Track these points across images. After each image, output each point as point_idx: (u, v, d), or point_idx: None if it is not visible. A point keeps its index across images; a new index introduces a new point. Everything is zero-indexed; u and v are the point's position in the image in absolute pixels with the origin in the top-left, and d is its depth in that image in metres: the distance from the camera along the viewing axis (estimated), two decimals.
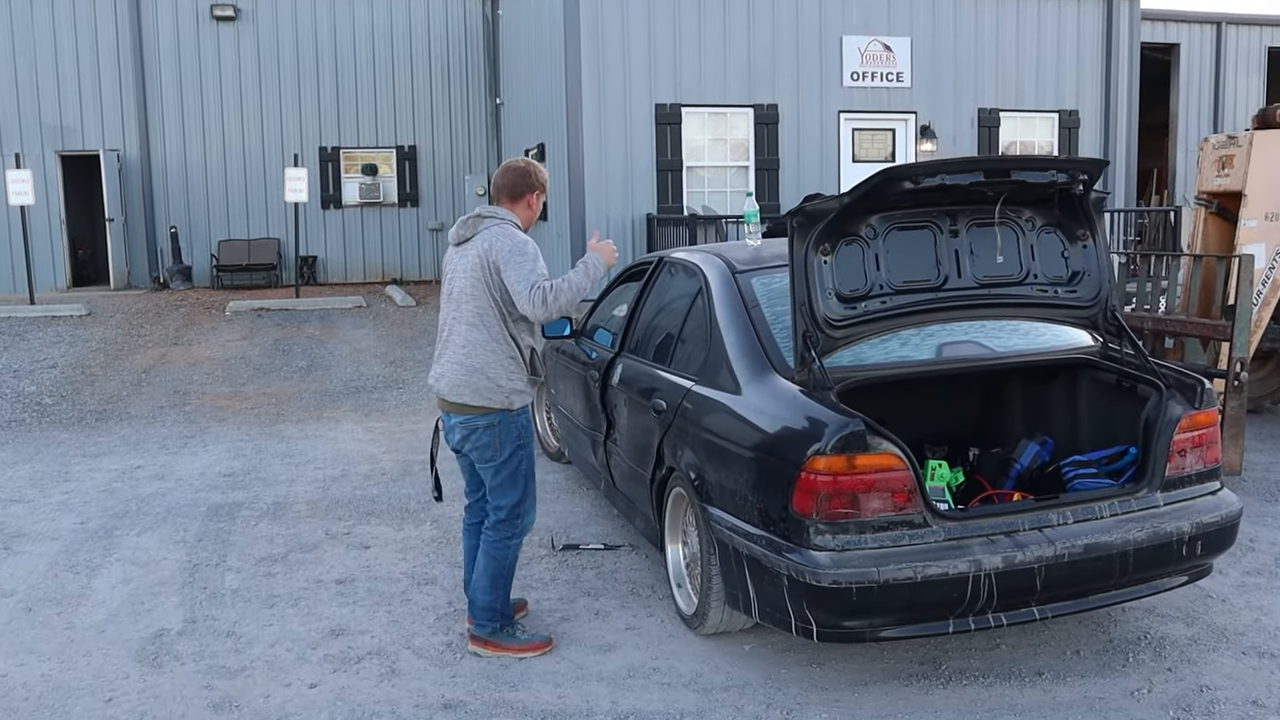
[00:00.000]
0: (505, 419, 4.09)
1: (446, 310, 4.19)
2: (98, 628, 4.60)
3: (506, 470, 4.13)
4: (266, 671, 4.15)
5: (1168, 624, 4.33)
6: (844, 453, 3.42)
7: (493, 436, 4.09)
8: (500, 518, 4.18)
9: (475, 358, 4.04)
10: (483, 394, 4.05)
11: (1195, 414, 3.83)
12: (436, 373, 4.20)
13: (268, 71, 18.45)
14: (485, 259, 4.00)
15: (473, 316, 4.05)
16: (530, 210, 4.24)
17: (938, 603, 3.46)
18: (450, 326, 4.14)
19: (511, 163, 4.27)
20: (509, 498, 4.16)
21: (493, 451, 4.11)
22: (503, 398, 4.07)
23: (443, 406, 4.20)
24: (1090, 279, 4.23)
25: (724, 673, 4.02)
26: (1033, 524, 3.57)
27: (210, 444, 8.15)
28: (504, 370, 4.07)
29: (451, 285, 4.16)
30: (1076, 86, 15.18)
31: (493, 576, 4.18)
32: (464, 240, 4.15)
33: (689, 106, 13.52)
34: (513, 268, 3.95)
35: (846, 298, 3.89)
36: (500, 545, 4.18)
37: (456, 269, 4.13)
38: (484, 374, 4.04)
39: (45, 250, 17.58)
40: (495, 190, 4.22)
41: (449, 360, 4.12)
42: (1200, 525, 3.73)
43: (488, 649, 4.19)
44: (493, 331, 4.04)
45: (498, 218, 4.12)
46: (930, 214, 4.00)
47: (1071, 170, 3.93)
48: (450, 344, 4.12)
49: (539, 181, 4.24)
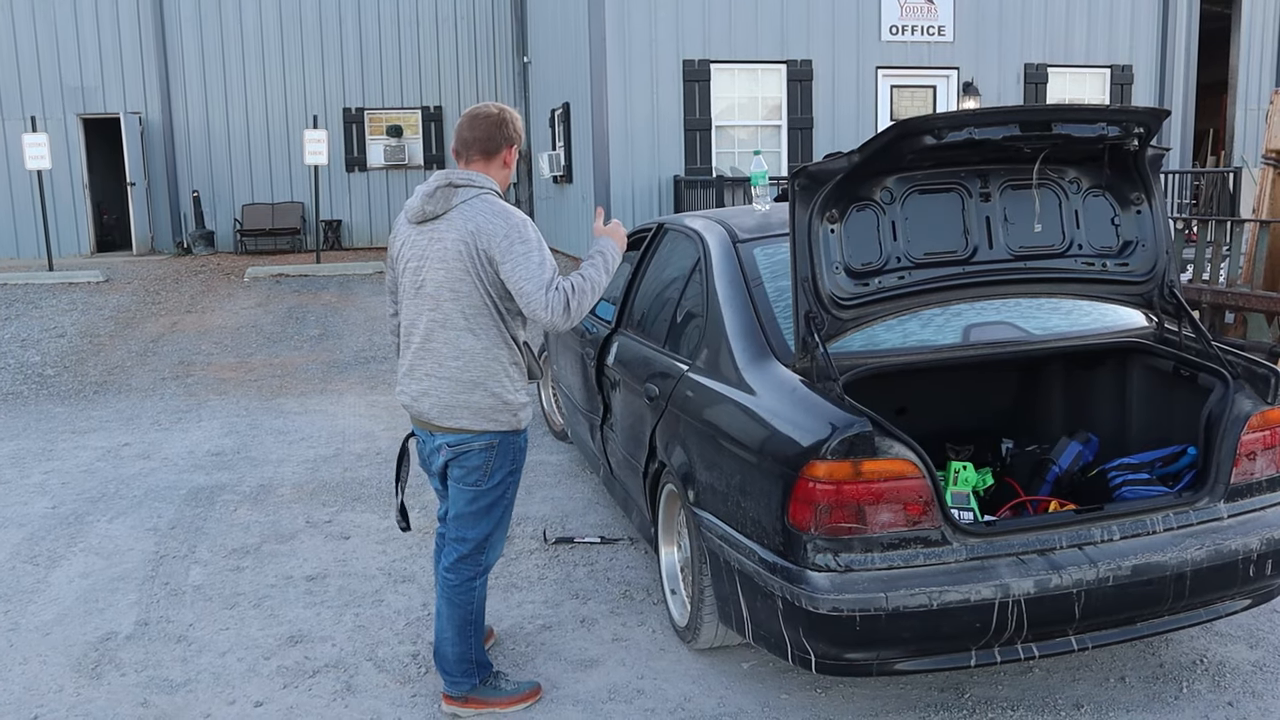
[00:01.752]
0: (506, 440, 3.34)
1: (415, 309, 3.31)
2: (43, 630, 4.24)
3: (487, 499, 3.38)
4: (211, 686, 3.75)
5: (1228, 645, 3.79)
6: (848, 457, 2.91)
7: (486, 459, 3.32)
8: (463, 552, 3.42)
9: (473, 370, 3.24)
10: (486, 414, 3.27)
11: (1268, 410, 3.26)
12: (413, 390, 3.35)
13: (290, 30, 18.03)
14: (472, 246, 3.16)
15: (461, 319, 3.22)
16: (507, 169, 3.38)
17: (957, 633, 2.95)
18: (427, 331, 3.27)
19: (481, 109, 3.35)
20: (479, 529, 3.41)
21: (480, 475, 3.34)
22: (510, 416, 3.31)
23: (426, 427, 3.40)
24: (1145, 250, 3.66)
25: (716, 696, 3.55)
26: (1072, 540, 3.04)
27: (205, 419, 7.79)
28: (509, 382, 3.30)
29: (421, 276, 3.27)
30: (1130, 39, 14.34)
31: (460, 625, 3.45)
32: (432, 217, 3.25)
33: (718, 63, 12.91)
34: (515, 262, 3.13)
35: (857, 273, 3.35)
36: (464, 590, 3.44)
37: (427, 256, 3.25)
38: (486, 389, 3.25)
39: (69, 215, 17.39)
40: (462, 146, 3.31)
41: (433, 374, 3.28)
42: (1271, 542, 3.17)
43: (469, 707, 3.47)
44: (490, 336, 3.25)
45: (475, 185, 3.24)
46: (957, 175, 3.43)
47: (1125, 122, 3.34)
48: (431, 353, 3.27)
49: (516, 132, 3.36)
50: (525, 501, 5.63)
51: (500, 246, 3.15)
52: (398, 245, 3.39)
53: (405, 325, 3.38)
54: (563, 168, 14.94)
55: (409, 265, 3.32)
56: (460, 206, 3.22)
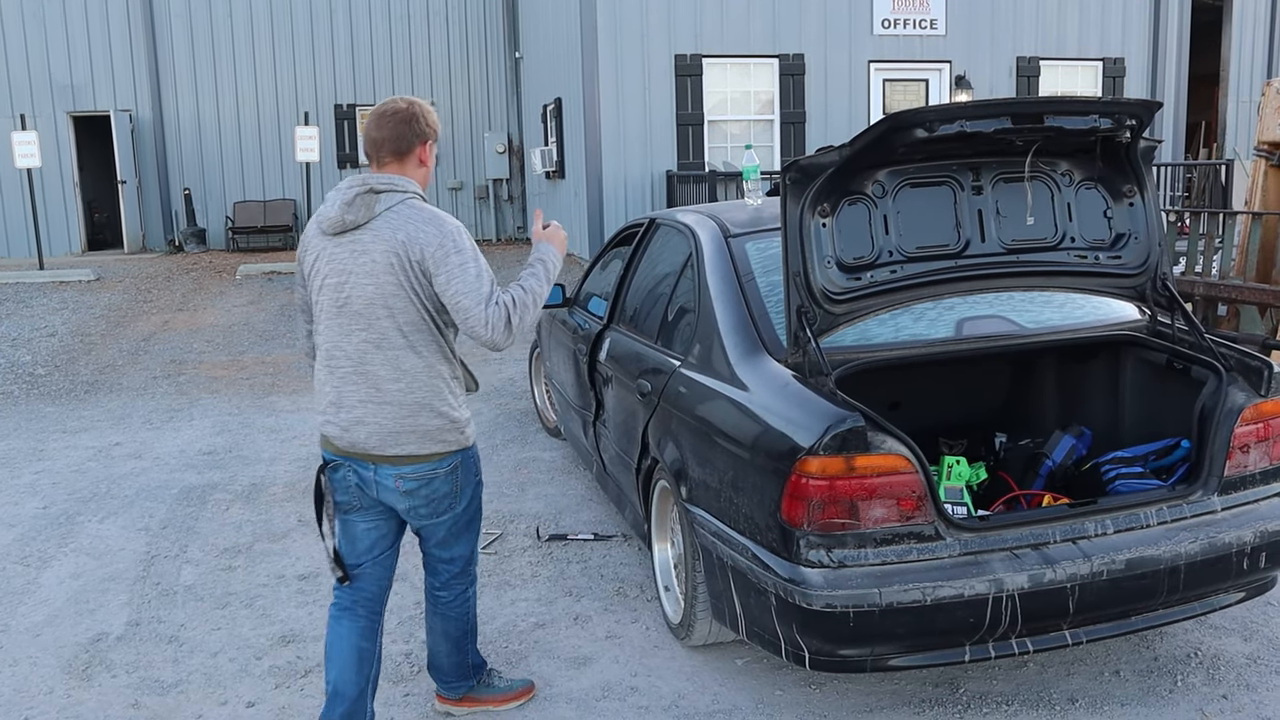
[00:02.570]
0: (466, 457, 3.09)
1: (339, 329, 2.94)
2: (34, 631, 4.21)
3: (466, 516, 3.17)
4: (203, 686, 3.73)
5: (1222, 638, 3.79)
6: (841, 452, 2.89)
7: (453, 484, 3.06)
8: (455, 570, 3.26)
9: (417, 391, 2.93)
10: (436, 437, 2.97)
11: (1261, 403, 3.24)
12: (344, 420, 2.96)
13: (281, 27, 17.95)
14: (404, 258, 2.85)
15: (399, 337, 2.91)
16: (425, 168, 3.05)
17: (951, 628, 2.93)
18: (360, 354, 2.92)
19: (388, 104, 3.01)
20: (466, 545, 3.25)
21: (451, 500, 3.08)
22: (458, 434, 3.03)
23: (361, 458, 2.99)
24: (1138, 242, 3.64)
25: (710, 694, 3.54)
26: (1065, 534, 3.03)
27: (197, 418, 7.76)
28: (453, 398, 3.01)
29: (344, 294, 2.91)
30: (1122, 32, 14.34)
31: (457, 639, 3.34)
32: (353, 227, 2.89)
33: (710, 57, 12.88)
34: (451, 274, 2.85)
35: (849, 267, 3.33)
36: (462, 602, 3.31)
37: (351, 270, 2.89)
38: (433, 409, 2.95)
39: (59, 214, 17.31)
40: (372, 148, 2.99)
41: (370, 400, 2.94)
42: (1265, 534, 3.16)
43: (463, 705, 3.42)
44: (430, 352, 2.95)
45: (398, 190, 2.91)
46: (949, 168, 3.42)
47: (1117, 114, 3.31)
48: (366, 377, 2.93)
49: (429, 127, 3.01)
50: (518, 498, 5.61)
51: (434, 258, 2.86)
52: (310, 260, 3.01)
53: (327, 349, 2.99)
54: (555, 163, 14.90)
55: (327, 282, 2.95)
56: (384, 214, 2.88)
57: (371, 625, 3.15)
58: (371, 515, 3.08)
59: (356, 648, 3.11)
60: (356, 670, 3.10)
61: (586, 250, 12.96)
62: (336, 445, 3.01)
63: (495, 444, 6.66)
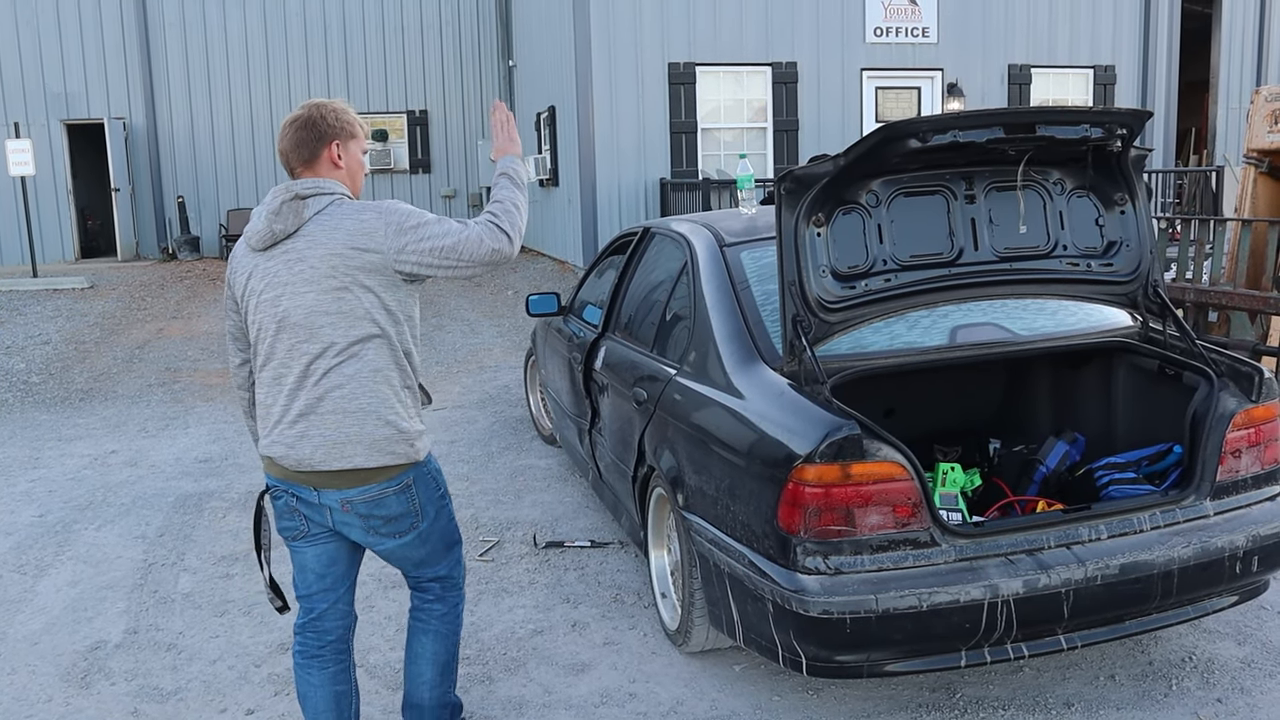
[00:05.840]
0: (419, 474, 2.87)
1: (283, 345, 2.77)
2: (32, 639, 4.22)
3: (437, 531, 2.97)
4: (202, 694, 3.74)
5: (1216, 642, 3.82)
6: (837, 460, 2.92)
7: (409, 503, 2.84)
8: (448, 584, 3.11)
9: (361, 398, 2.73)
10: (382, 447, 2.76)
11: (1252, 408, 3.28)
12: (289, 436, 2.77)
13: (274, 35, 17.98)
14: (348, 256, 2.70)
15: (343, 341, 2.73)
16: (341, 170, 2.86)
17: (947, 634, 2.96)
18: (304, 366, 2.75)
19: (291, 116, 2.88)
20: (450, 557, 3.08)
21: (411, 519, 2.87)
22: (407, 447, 2.80)
23: (307, 481, 2.80)
24: (1129, 250, 3.68)
25: (709, 700, 3.56)
26: (1060, 540, 3.06)
27: (192, 426, 7.77)
28: (402, 408, 2.80)
29: (280, 307, 2.74)
30: (1113, 40, 14.42)
31: (446, 662, 3.16)
32: (284, 237, 2.75)
33: (704, 65, 12.92)
34: (418, 237, 2.73)
35: (844, 275, 3.36)
36: (455, 616, 3.14)
37: (288, 282, 2.73)
38: (378, 416, 2.75)
39: (53, 221, 17.29)
40: (285, 161, 2.86)
41: (312, 410, 2.75)
42: (1256, 538, 3.20)
43: None
44: (379, 355, 2.76)
45: (325, 192, 2.78)
46: (942, 177, 3.45)
47: (1108, 124, 3.35)
48: (312, 387, 2.74)
49: (335, 124, 2.84)
50: (515, 506, 5.63)
51: (390, 236, 2.72)
52: (243, 280, 2.84)
53: (272, 367, 2.81)
54: (549, 171, 14.93)
55: (264, 298, 2.77)
56: (315, 219, 2.75)
57: (342, 667, 3.01)
58: (319, 542, 2.90)
59: (333, 694, 2.98)
60: (337, 715, 2.99)
61: (581, 258, 12.99)
62: (282, 466, 2.81)
63: (491, 452, 6.68)
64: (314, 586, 2.94)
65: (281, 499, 2.88)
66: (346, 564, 2.99)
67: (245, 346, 2.99)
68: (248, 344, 2.96)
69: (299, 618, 3.00)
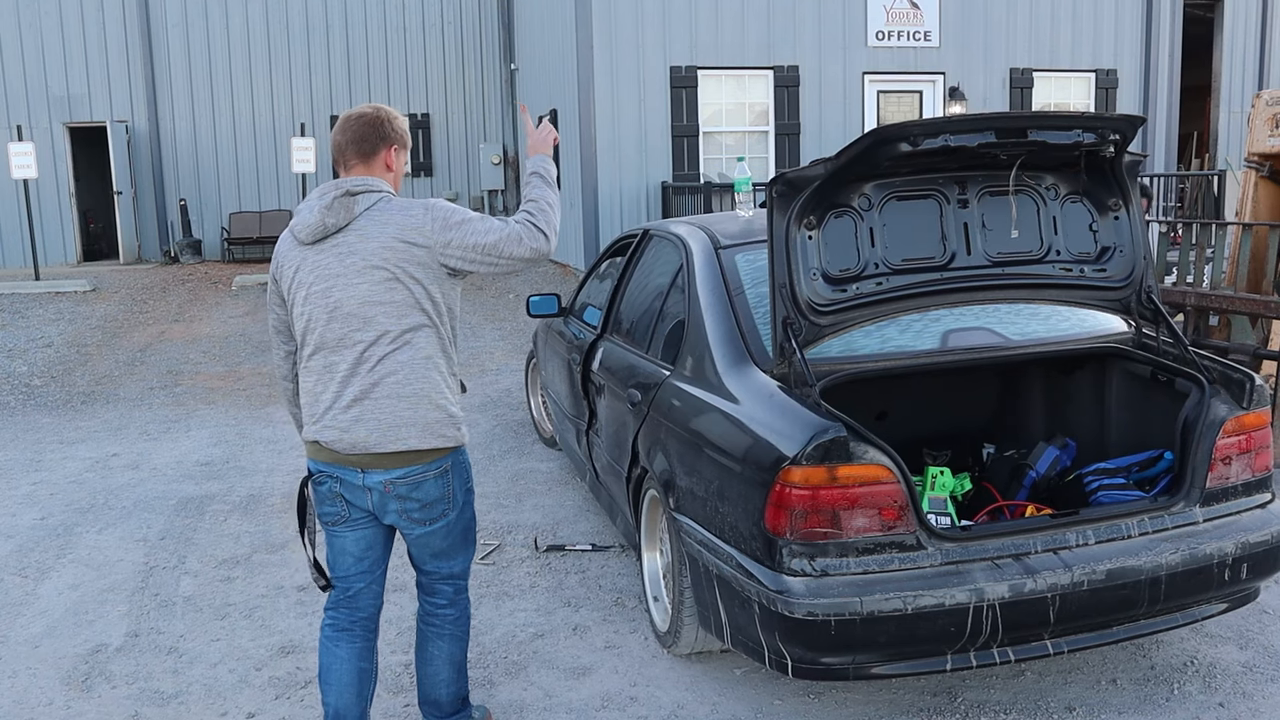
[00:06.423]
0: (456, 460, 3.01)
1: (334, 334, 2.87)
2: (33, 642, 4.25)
3: (461, 525, 3.09)
4: (203, 698, 3.77)
5: (1218, 647, 3.83)
6: (823, 462, 2.94)
7: (444, 487, 2.97)
8: (459, 585, 3.20)
9: (415, 381, 2.88)
10: (434, 430, 2.90)
11: (1243, 415, 3.30)
12: (343, 421, 2.88)
13: (277, 38, 18.04)
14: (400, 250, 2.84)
15: (398, 329, 2.87)
16: (392, 174, 3.02)
17: (932, 637, 2.97)
18: (357, 354, 2.86)
19: (355, 111, 3.03)
20: (464, 558, 3.17)
21: (444, 506, 2.99)
22: (455, 430, 2.95)
23: (356, 463, 2.92)
24: (1122, 255, 3.69)
25: (710, 704, 3.58)
26: (1047, 545, 3.08)
27: (194, 429, 7.80)
28: (450, 393, 2.97)
29: (332, 298, 2.85)
30: (1114, 43, 14.43)
31: (460, 660, 3.24)
32: (335, 231, 2.86)
33: (705, 69, 12.95)
34: (463, 233, 2.87)
35: (835, 279, 3.39)
36: (465, 618, 3.23)
37: (339, 274, 2.85)
38: (430, 401, 2.89)
39: (55, 224, 17.36)
40: (338, 152, 2.98)
41: (367, 395, 2.87)
42: (1246, 546, 3.21)
43: None
44: (429, 343, 2.92)
45: (373, 190, 2.90)
46: (934, 181, 3.47)
47: (1100, 129, 3.37)
48: (361, 375, 2.87)
49: (396, 132, 3.00)
50: (516, 509, 5.65)
51: (438, 231, 2.87)
52: (291, 273, 2.93)
53: (322, 358, 2.91)
54: None
55: (314, 290, 2.87)
56: (366, 214, 2.87)
57: (369, 645, 3.13)
58: (359, 527, 3.02)
59: (357, 669, 3.09)
60: (358, 693, 3.09)
61: (582, 261, 13.02)
62: (332, 450, 2.91)
63: (492, 455, 6.71)
64: (352, 569, 3.07)
65: (325, 484, 2.99)
66: (382, 548, 3.12)
67: (289, 339, 3.09)
68: (291, 337, 3.07)
69: (332, 596, 3.11)
